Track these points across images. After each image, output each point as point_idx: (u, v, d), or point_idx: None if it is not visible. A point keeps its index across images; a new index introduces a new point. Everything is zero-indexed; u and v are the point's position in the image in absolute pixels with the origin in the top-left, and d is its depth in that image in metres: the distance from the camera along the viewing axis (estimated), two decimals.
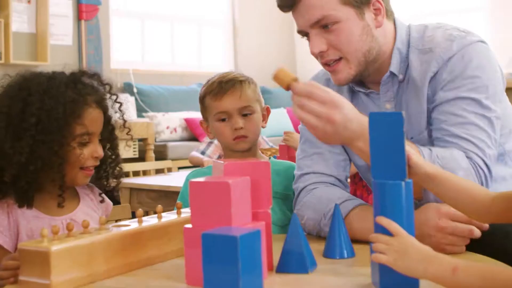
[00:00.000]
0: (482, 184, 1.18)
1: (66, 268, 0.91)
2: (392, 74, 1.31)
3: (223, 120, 1.47)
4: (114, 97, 1.33)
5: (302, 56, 6.38)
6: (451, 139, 1.21)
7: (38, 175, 1.20)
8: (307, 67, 4.38)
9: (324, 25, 1.25)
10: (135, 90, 5.39)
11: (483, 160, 1.19)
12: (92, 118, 1.25)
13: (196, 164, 3.43)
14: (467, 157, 1.19)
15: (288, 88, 1.07)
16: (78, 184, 1.28)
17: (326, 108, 1.02)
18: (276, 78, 1.08)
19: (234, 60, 6.47)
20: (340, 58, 1.27)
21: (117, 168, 1.36)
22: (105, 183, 1.35)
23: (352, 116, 1.04)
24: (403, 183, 0.87)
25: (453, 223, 1.06)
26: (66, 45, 5.15)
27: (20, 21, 4.83)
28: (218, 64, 6.13)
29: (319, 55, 1.29)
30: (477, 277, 0.77)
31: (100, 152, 1.26)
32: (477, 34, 1.30)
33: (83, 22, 5.25)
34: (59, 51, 4.98)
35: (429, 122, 1.27)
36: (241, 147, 1.47)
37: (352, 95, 1.37)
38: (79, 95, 1.24)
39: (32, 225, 1.21)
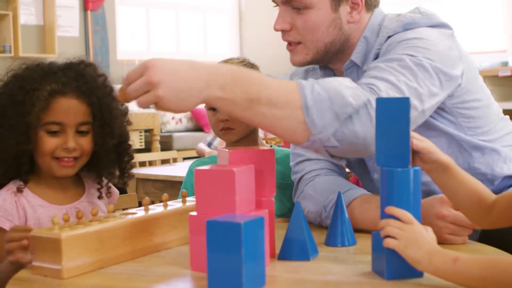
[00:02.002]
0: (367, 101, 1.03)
1: (76, 254, 0.94)
2: (355, 65, 1.27)
3: (213, 109, 1.46)
4: (107, 90, 1.27)
5: None
6: (368, 71, 1.12)
7: None
8: None
9: (296, 6, 1.23)
10: None
11: (378, 89, 1.06)
12: (62, 107, 1.21)
13: (201, 155, 3.46)
14: (367, 83, 1.07)
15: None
16: (56, 175, 1.24)
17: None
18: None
19: (240, 48, 6.46)
20: (299, 43, 1.26)
21: (123, 164, 1.32)
22: (105, 178, 1.32)
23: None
24: (411, 170, 0.87)
25: (455, 211, 1.05)
26: (73, 36, 5.17)
27: (28, 13, 4.85)
28: (224, 52, 6.12)
29: (281, 32, 1.27)
30: (477, 267, 0.78)
31: (70, 144, 1.21)
32: (440, 20, 1.22)
33: (89, 12, 5.26)
34: (66, 43, 5.01)
35: None
36: (227, 139, 1.46)
37: None
38: (51, 83, 1.21)
39: (38, 213, 1.23)
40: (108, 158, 1.29)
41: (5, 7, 4.70)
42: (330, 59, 1.30)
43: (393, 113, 0.89)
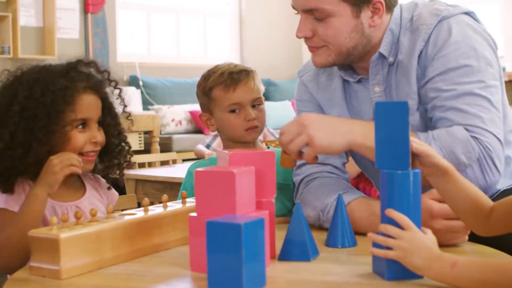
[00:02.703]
0: (489, 155, 1.14)
1: (75, 254, 0.93)
2: (382, 56, 1.29)
3: (234, 111, 1.47)
4: (113, 84, 1.35)
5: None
6: (446, 115, 1.18)
7: (21, 161, 1.21)
8: None
9: (317, 17, 1.24)
10: (140, 83, 5.42)
11: (485, 129, 1.15)
12: (86, 104, 1.26)
13: (200, 157, 3.45)
14: (466, 129, 1.15)
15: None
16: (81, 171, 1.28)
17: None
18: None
19: (240, 52, 6.47)
20: (323, 46, 1.27)
21: (127, 156, 1.38)
22: (111, 170, 1.36)
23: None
24: (411, 173, 0.88)
25: (447, 222, 1.05)
26: (73, 38, 5.17)
27: (27, 15, 4.85)
28: (224, 56, 6.12)
29: (303, 39, 1.29)
30: (476, 270, 0.79)
31: (99, 137, 1.27)
32: (464, 7, 1.29)
33: (89, 15, 5.27)
34: (66, 45, 5.00)
35: (421, 102, 1.25)
36: (253, 138, 1.48)
37: (345, 84, 1.37)
38: (71, 82, 1.25)
39: None
40: (120, 148, 1.36)
41: (4, 9, 4.70)
42: (352, 61, 1.31)
43: (392, 116, 0.89)
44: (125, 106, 1.37)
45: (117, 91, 1.35)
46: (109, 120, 1.33)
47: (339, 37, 1.25)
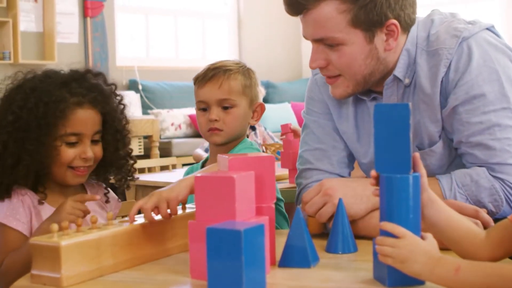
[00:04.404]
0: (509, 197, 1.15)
1: (75, 262, 0.93)
2: (397, 79, 1.25)
3: (204, 109, 1.44)
4: (118, 98, 1.33)
5: (308, 49, 6.36)
6: (473, 151, 1.18)
7: (12, 172, 1.21)
8: None
9: (329, 44, 1.20)
10: (140, 87, 5.42)
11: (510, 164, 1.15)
12: (81, 118, 1.24)
13: (198, 161, 3.45)
14: (491, 171, 1.15)
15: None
16: (69, 183, 1.28)
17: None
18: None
19: (238, 53, 6.46)
20: (339, 75, 1.23)
21: (128, 168, 1.37)
22: (114, 182, 1.37)
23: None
24: (410, 176, 0.87)
25: (459, 202, 1.07)
26: (72, 43, 5.17)
27: (27, 20, 4.85)
28: (223, 57, 6.10)
29: (319, 69, 1.25)
30: (480, 275, 0.78)
31: (89, 153, 1.25)
32: (484, 22, 1.24)
33: (88, 19, 5.27)
34: (66, 50, 5.01)
35: (443, 128, 1.22)
36: (214, 140, 1.44)
37: (357, 102, 1.32)
38: (69, 94, 1.24)
39: (42, 215, 1.25)
40: (119, 164, 1.34)
41: (5, 14, 4.70)
42: (371, 85, 1.28)
43: (393, 119, 0.88)
44: (126, 123, 1.35)
45: (121, 107, 1.34)
46: (112, 134, 1.31)
47: (353, 65, 1.20)
